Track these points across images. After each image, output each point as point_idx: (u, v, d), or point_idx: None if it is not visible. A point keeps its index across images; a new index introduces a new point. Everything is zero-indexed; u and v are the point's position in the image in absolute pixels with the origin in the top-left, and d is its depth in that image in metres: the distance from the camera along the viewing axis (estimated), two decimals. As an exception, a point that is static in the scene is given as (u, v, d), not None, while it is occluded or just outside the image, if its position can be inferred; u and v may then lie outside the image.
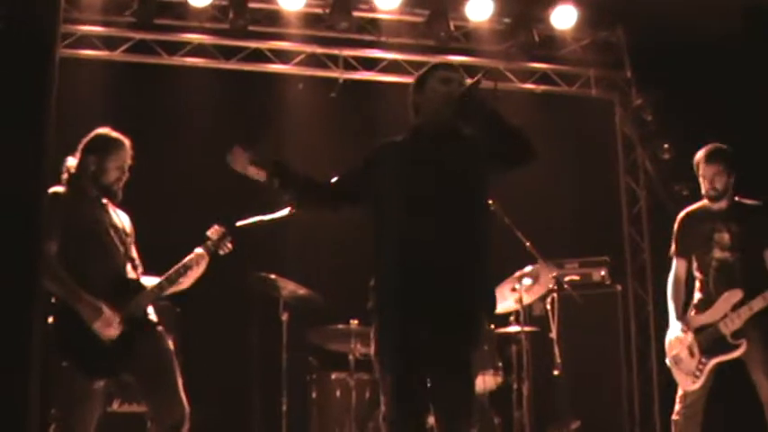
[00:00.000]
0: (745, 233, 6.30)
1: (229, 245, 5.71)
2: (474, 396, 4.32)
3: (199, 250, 5.57)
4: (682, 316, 6.38)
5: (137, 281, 5.40)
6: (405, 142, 4.52)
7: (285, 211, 6.19)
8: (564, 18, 9.19)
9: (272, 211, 6.10)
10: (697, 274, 6.47)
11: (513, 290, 7.28)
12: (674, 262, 6.53)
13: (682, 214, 6.58)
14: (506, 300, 7.28)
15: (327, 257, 8.70)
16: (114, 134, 5.46)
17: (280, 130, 9.00)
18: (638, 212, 9.75)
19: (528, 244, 7.18)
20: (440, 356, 4.19)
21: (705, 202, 6.47)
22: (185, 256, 5.57)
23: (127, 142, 5.46)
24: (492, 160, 4.32)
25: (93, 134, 5.47)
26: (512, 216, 6.95)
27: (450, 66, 4.62)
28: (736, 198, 6.42)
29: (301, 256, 8.47)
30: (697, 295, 6.45)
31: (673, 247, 6.55)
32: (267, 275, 7.07)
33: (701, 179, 6.44)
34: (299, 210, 5.07)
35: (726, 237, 6.31)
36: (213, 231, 5.69)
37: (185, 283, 5.57)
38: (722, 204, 6.39)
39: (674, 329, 6.39)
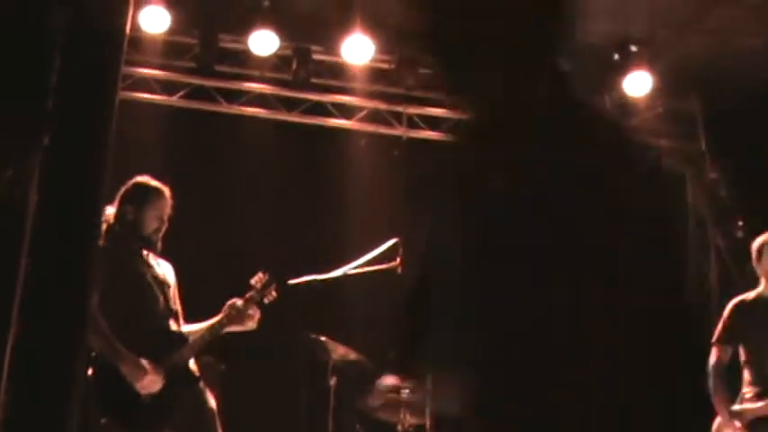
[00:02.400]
0: None
1: (274, 293, 5.71)
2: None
3: (239, 300, 5.52)
4: (730, 408, 6.10)
5: (179, 333, 5.35)
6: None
7: (339, 272, 6.14)
8: (638, 85, 9.06)
9: (327, 272, 6.02)
10: (747, 363, 6.26)
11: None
12: (716, 349, 6.29)
13: (736, 301, 6.42)
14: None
15: (381, 323, 8.55)
16: (153, 183, 5.43)
17: (340, 186, 8.99)
18: (707, 292, 9.54)
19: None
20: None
21: (761, 289, 6.35)
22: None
23: (167, 191, 5.42)
24: None
25: (131, 183, 5.46)
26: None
27: None
28: None
29: (354, 320, 8.34)
30: (749, 387, 6.21)
31: (719, 334, 6.32)
32: (317, 337, 6.96)
33: (756, 264, 6.39)
34: None
35: None
36: (257, 279, 5.68)
37: (249, 324, 5.52)
38: None
39: (725, 424, 6.07)
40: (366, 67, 9.00)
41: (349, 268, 6.41)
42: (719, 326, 6.38)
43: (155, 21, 8.25)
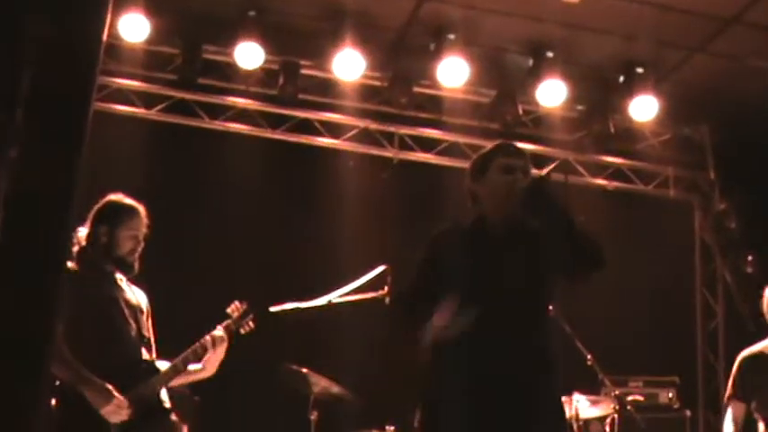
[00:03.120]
0: None
1: (251, 323, 5.64)
2: None
3: (218, 331, 5.50)
4: None
5: (150, 362, 5.32)
6: (466, 237, 4.39)
7: (324, 300, 6.11)
8: (644, 110, 9.10)
9: (310, 299, 6.03)
10: (761, 418, 6.33)
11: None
12: (731, 406, 6.42)
13: (744, 356, 6.48)
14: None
15: (366, 355, 8.52)
16: (127, 201, 5.40)
17: (326, 209, 8.97)
18: (714, 330, 9.57)
19: (589, 357, 7.02)
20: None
21: None
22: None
23: (142, 210, 5.39)
24: (557, 265, 4.20)
25: (104, 201, 5.42)
26: (572, 324, 6.82)
27: (512, 150, 4.44)
28: None
29: (338, 352, 8.32)
30: None
31: (731, 391, 6.43)
32: (298, 369, 6.95)
33: (767, 312, 6.44)
34: None
35: None
36: (234, 308, 5.63)
37: (208, 368, 5.49)
38: None
39: None
40: (357, 84, 9.05)
41: (334, 296, 6.43)
42: (730, 382, 6.49)
43: (134, 29, 8.27)
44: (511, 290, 4.17)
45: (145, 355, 5.32)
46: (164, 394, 5.34)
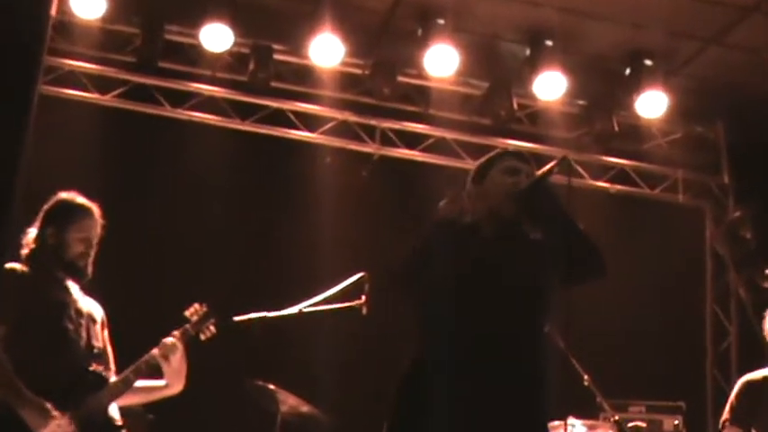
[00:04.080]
0: None
1: (212, 328, 5.62)
2: None
3: (169, 338, 5.48)
4: None
5: (98, 374, 5.29)
6: (459, 237, 4.40)
7: (295, 309, 6.16)
8: (652, 106, 9.12)
9: (279, 308, 6.06)
10: None
11: (564, 432, 7.12)
12: (727, 430, 6.53)
13: (744, 381, 6.60)
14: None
15: (340, 371, 8.51)
16: (79, 200, 5.38)
17: (299, 209, 8.95)
18: (725, 350, 9.58)
19: (586, 377, 7.02)
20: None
21: None
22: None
23: (95, 210, 5.37)
24: (557, 270, 4.27)
25: (54, 200, 5.41)
26: (568, 341, 6.80)
27: (519, 154, 4.58)
28: None
29: (309, 367, 8.35)
30: None
31: (728, 414, 6.55)
32: (265, 385, 6.93)
33: None
34: None
35: None
36: (192, 311, 5.62)
37: (173, 383, 5.47)
38: None
39: None
40: (335, 72, 9.04)
41: (306, 305, 6.39)
42: (728, 405, 6.60)
43: (88, 4, 8.23)
44: (501, 300, 4.20)
45: (93, 366, 5.30)
46: (114, 410, 5.32)
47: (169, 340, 5.47)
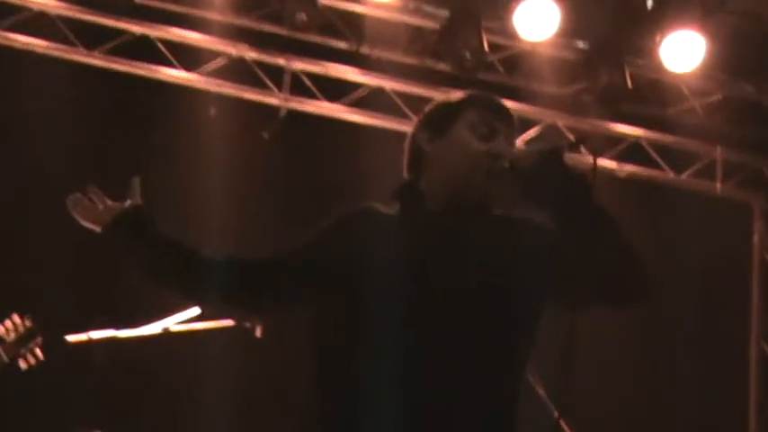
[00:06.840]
0: None
1: (38, 352, 5.70)
2: None
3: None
4: None
5: None
6: (404, 219, 4.24)
7: (158, 327, 6.30)
8: (683, 54, 9.01)
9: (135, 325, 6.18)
10: None
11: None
12: None
13: None
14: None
15: (220, 415, 8.34)
16: None
17: (171, 178, 8.76)
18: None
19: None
20: None
21: None
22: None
23: None
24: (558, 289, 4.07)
25: None
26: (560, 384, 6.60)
27: (495, 105, 4.36)
28: None
29: (175, 409, 8.32)
30: None
31: None
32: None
33: None
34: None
35: None
36: (8, 327, 5.70)
37: None
38: None
39: None
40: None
41: (175, 320, 6.45)
42: None
43: None
44: (460, 320, 4.03)
45: None
46: None
47: None
